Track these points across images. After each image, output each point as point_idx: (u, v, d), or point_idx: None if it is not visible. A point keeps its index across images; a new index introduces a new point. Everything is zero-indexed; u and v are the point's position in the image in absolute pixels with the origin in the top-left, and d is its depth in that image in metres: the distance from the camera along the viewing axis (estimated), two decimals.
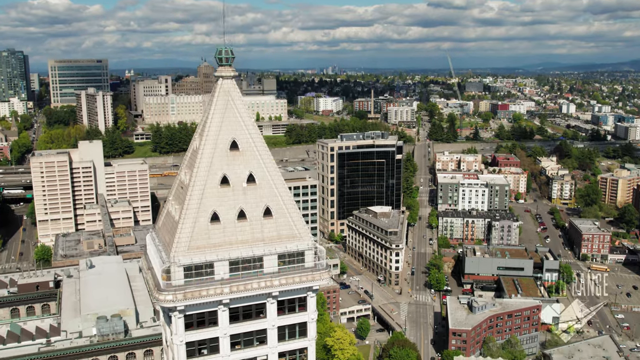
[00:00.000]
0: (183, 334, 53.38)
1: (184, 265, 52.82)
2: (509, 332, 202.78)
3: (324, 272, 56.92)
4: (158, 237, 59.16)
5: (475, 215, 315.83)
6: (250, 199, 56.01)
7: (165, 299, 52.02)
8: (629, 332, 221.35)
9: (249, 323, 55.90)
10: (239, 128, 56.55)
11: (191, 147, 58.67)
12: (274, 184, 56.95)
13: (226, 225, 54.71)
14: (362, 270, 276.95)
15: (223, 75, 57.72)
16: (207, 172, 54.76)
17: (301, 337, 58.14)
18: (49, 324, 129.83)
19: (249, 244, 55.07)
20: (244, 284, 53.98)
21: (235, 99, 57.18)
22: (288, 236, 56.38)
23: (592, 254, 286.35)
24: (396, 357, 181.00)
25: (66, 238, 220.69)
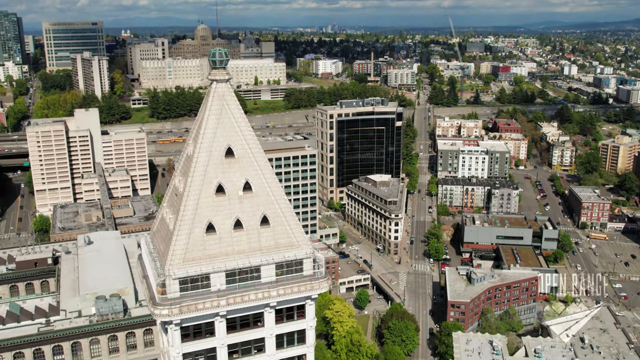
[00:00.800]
0: (180, 346, 52.39)
1: (179, 278, 51.42)
2: (507, 303, 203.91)
3: (323, 281, 55.59)
4: (153, 243, 57.51)
5: (475, 182, 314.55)
6: (246, 208, 54.18)
7: (160, 313, 50.78)
8: (626, 302, 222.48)
9: (247, 332, 54.90)
10: (235, 134, 54.32)
11: (185, 152, 56.47)
12: (271, 191, 55.04)
13: (222, 236, 53.05)
14: (362, 239, 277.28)
15: (217, 79, 55.15)
16: (202, 181, 52.77)
17: (300, 344, 57.24)
18: (48, 303, 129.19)
19: (246, 254, 53.53)
20: (241, 296, 52.68)
21: (230, 103, 54.77)
22: (286, 245, 54.80)
23: (591, 222, 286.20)
24: (395, 329, 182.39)
25: (64, 209, 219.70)
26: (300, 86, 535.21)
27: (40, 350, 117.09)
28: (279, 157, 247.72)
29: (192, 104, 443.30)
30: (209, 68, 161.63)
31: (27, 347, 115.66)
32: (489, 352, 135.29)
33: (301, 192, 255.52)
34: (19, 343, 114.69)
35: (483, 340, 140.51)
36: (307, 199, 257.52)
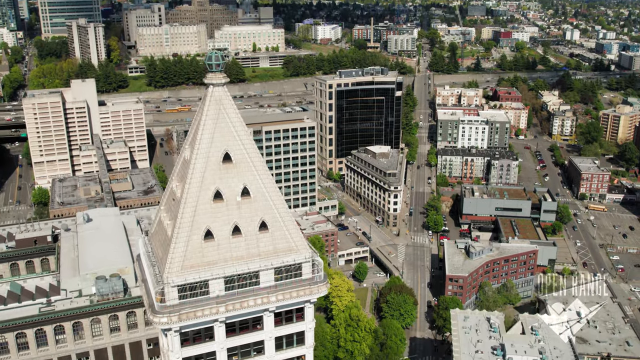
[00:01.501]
0: (179, 351, 52.55)
1: (178, 286, 51.19)
2: (505, 276, 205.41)
3: (321, 285, 55.46)
4: (151, 246, 57.13)
5: (474, 153, 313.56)
6: (244, 214, 53.58)
7: (160, 321, 50.75)
8: (622, 274, 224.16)
9: (246, 335, 54.99)
10: (232, 138, 53.28)
11: (181, 156, 55.58)
12: (269, 196, 54.31)
13: (220, 242, 52.59)
14: (361, 210, 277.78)
15: (214, 82, 53.87)
16: (200, 187, 52.03)
17: (299, 345, 57.49)
18: (49, 282, 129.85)
19: (245, 260, 53.19)
20: (240, 302, 52.57)
21: (228, 107, 53.63)
22: (285, 249, 54.43)
23: (590, 193, 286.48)
24: (393, 303, 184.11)
25: (63, 183, 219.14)
26: (299, 53, 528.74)
27: (42, 330, 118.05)
28: (278, 130, 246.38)
29: (189, 72, 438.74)
30: (206, 36, 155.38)
31: (29, 327, 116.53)
32: (487, 330, 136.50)
33: (300, 164, 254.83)
34: (21, 324, 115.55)
35: (480, 318, 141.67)
36: (306, 172, 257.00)
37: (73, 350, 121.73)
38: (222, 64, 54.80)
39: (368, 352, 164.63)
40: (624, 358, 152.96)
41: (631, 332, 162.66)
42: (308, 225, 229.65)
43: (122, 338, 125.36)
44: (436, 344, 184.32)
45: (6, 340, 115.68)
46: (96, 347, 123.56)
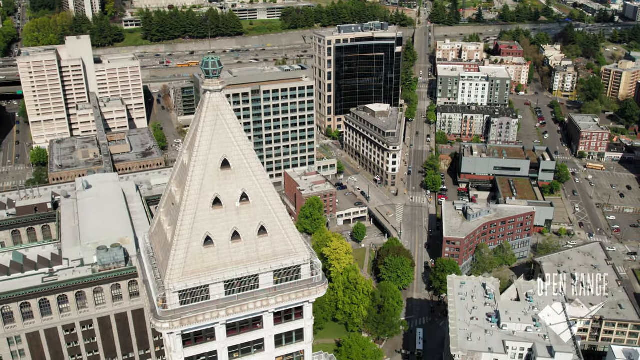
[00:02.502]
0: (182, 351, 53.77)
1: (179, 291, 51.95)
2: (502, 238, 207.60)
3: (320, 287, 56.23)
4: (152, 246, 57.61)
5: (474, 110, 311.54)
6: (244, 218, 53.79)
7: (162, 326, 51.78)
8: (618, 234, 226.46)
9: (247, 334, 56.14)
10: (230, 144, 52.94)
11: (179, 160, 55.35)
12: (267, 200, 54.37)
13: (220, 247, 53.02)
14: (359, 169, 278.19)
15: (211, 89, 53.16)
16: (198, 194, 52.05)
17: (298, 341, 58.78)
18: (51, 252, 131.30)
19: (244, 264, 53.78)
20: (240, 306, 53.48)
21: (225, 113, 53.07)
22: (283, 252, 54.91)
23: (589, 151, 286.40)
24: (391, 265, 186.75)
25: (61, 145, 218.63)
26: (298, 4, 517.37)
27: (46, 300, 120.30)
28: (276, 89, 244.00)
29: (185, 25, 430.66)
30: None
31: (33, 297, 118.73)
32: (482, 296, 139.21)
33: (299, 123, 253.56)
34: (25, 294, 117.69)
35: (476, 284, 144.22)
36: (304, 131, 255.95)
37: (77, 318, 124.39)
38: (218, 70, 53.99)
39: (366, 315, 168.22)
40: (615, 321, 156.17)
41: (624, 295, 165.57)
42: (307, 186, 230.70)
43: (124, 306, 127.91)
44: (432, 305, 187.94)
45: (11, 310, 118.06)
46: (99, 315, 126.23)
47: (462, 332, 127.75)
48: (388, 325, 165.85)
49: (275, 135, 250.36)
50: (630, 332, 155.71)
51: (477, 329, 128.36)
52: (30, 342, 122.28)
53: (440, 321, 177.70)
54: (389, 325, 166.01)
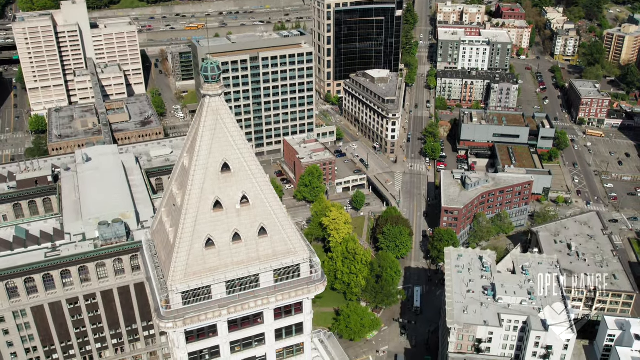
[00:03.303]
0: (185, 347, 55.28)
1: (182, 292, 53.10)
2: (500, 207, 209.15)
3: (319, 284, 57.41)
4: (154, 244, 58.46)
5: (474, 76, 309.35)
6: (244, 220, 54.54)
7: (166, 326, 53.14)
8: (615, 202, 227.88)
9: (248, 329, 57.60)
10: (230, 148, 53.24)
11: (180, 162, 55.69)
12: (267, 202, 55.01)
13: (221, 249, 53.93)
14: (358, 135, 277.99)
15: (210, 93, 53.09)
16: (199, 198, 52.63)
17: (298, 334, 60.35)
18: (53, 226, 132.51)
19: (245, 264, 54.81)
20: (241, 305, 54.74)
21: (225, 117, 53.17)
22: (283, 252, 55.89)
23: (589, 118, 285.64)
24: (389, 234, 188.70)
25: (59, 114, 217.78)
26: None
27: (49, 275, 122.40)
28: (275, 56, 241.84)
29: None
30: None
31: (37, 272, 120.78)
32: (479, 269, 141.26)
33: (298, 90, 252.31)
34: (28, 270, 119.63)
35: (473, 256, 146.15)
36: (304, 98, 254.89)
37: (80, 292, 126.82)
38: (217, 75, 53.87)
39: (364, 284, 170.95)
40: (609, 291, 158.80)
41: (618, 266, 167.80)
42: (306, 154, 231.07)
43: (127, 280, 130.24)
44: (430, 274, 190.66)
45: (15, 285, 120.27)
46: (102, 288, 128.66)
47: (458, 305, 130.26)
48: (386, 295, 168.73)
49: (275, 103, 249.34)
50: (624, 302, 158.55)
51: (473, 302, 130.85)
52: (35, 315, 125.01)
53: (438, 290, 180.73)
54: (387, 294, 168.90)
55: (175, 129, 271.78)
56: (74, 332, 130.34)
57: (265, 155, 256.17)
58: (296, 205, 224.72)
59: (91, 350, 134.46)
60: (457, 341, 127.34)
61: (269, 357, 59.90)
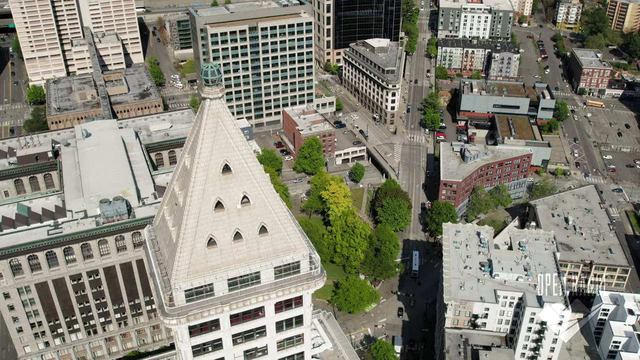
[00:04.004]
0: (188, 340, 56.75)
1: (185, 290, 54.27)
2: (499, 179, 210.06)
3: (318, 280, 58.58)
4: (157, 239, 59.37)
5: (475, 45, 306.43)
6: (245, 219, 55.36)
7: (170, 323, 54.51)
8: (613, 174, 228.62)
9: (249, 322, 59.04)
10: (231, 150, 53.68)
11: (181, 162, 56.12)
12: (268, 201, 55.75)
13: (223, 248, 54.88)
14: (358, 106, 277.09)
15: (210, 97, 53.19)
16: (201, 199, 53.32)
17: (298, 326, 61.87)
18: (54, 204, 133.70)
19: (246, 262, 55.87)
20: (243, 301, 56.01)
21: (225, 120, 53.39)
22: (284, 249, 56.90)
23: (590, 88, 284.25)
24: (388, 207, 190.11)
25: (57, 85, 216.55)
26: None
27: (52, 252, 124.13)
28: (274, 26, 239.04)
29: None
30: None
31: (40, 250, 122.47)
32: (476, 245, 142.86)
33: (297, 61, 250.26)
34: (31, 248, 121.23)
35: (471, 232, 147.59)
36: (303, 68, 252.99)
37: (83, 268, 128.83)
38: (218, 79, 53.91)
39: (363, 258, 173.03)
40: (605, 265, 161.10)
41: (614, 240, 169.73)
42: (305, 125, 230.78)
43: (129, 256, 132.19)
44: (428, 246, 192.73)
45: (19, 262, 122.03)
46: (105, 265, 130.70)
47: (455, 281, 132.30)
48: (384, 268, 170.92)
49: (274, 73, 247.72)
50: (619, 276, 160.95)
51: (470, 278, 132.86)
52: (40, 291, 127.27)
53: (435, 263, 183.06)
54: (385, 267, 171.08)
55: (175, 99, 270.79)
56: (77, 307, 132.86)
57: (265, 126, 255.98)
58: (295, 177, 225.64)
59: (95, 325, 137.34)
60: (454, 316, 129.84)
61: (270, 348, 61.73)
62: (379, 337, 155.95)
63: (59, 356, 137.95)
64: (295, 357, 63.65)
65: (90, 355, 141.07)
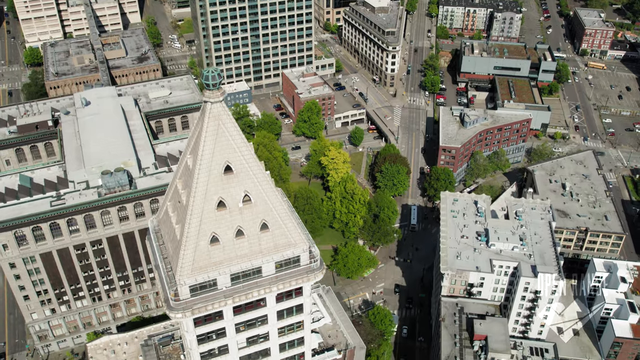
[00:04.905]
0: (193, 330, 58.94)
1: (190, 285, 56.04)
2: (497, 144, 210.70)
3: (318, 272, 60.28)
4: (160, 233, 60.79)
5: (477, 4, 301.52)
6: (247, 217, 56.67)
7: (175, 316, 56.53)
8: (612, 138, 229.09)
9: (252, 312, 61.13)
10: (232, 151, 54.58)
11: (183, 160, 56.94)
12: (268, 199, 56.94)
13: (225, 244, 56.37)
14: (358, 67, 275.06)
15: (212, 100, 53.60)
16: (204, 199, 54.52)
17: (298, 313, 63.99)
18: (56, 174, 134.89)
19: (248, 258, 57.46)
20: (245, 294, 57.87)
21: (227, 122, 54.03)
22: (284, 244, 58.43)
23: (592, 49, 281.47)
24: (387, 173, 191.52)
25: (55, 49, 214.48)
26: None
27: (56, 223, 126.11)
28: None
29: None
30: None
31: (43, 221, 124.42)
32: (473, 214, 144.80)
33: (296, 22, 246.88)
34: (35, 219, 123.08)
35: (469, 201, 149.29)
36: (302, 30, 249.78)
37: (87, 238, 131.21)
38: (218, 83, 54.22)
39: (362, 224, 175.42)
40: (600, 232, 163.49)
41: (610, 206, 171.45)
42: (305, 88, 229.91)
43: (131, 226, 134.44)
44: (426, 212, 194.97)
45: (24, 233, 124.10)
46: (108, 235, 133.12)
47: (452, 250, 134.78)
48: (383, 234, 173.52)
49: (273, 35, 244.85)
50: (613, 243, 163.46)
51: (466, 248, 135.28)
52: (44, 261, 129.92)
53: (433, 228, 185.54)
54: (384, 233, 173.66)
55: (173, 61, 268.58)
56: (82, 276, 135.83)
57: (264, 89, 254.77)
58: (295, 141, 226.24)
59: (100, 292, 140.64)
60: (450, 285, 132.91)
61: (272, 335, 64.19)
62: (377, 302, 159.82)
63: (65, 322, 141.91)
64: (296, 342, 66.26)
65: (95, 321, 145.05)
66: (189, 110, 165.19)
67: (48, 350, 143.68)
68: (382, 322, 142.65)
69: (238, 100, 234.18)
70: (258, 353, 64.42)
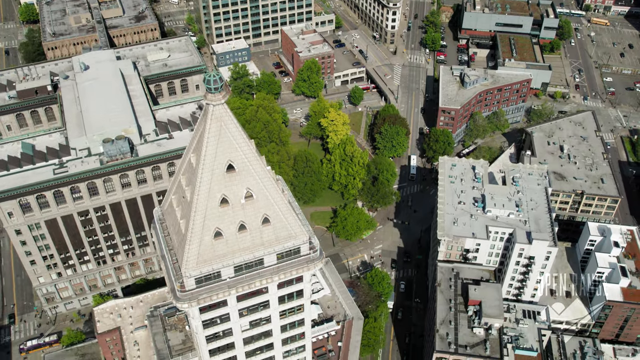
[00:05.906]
0: (199, 317, 61.67)
1: (195, 277, 58.33)
2: (497, 105, 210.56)
3: (317, 262, 62.43)
4: (166, 224, 62.66)
5: None
6: (249, 212, 58.42)
7: (182, 306, 59.11)
8: (612, 97, 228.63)
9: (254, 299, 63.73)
10: (234, 150, 55.87)
11: (187, 157, 58.17)
12: (270, 195, 58.58)
13: (229, 238, 58.35)
14: (358, 23, 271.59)
15: (214, 103, 54.33)
16: (207, 196, 56.10)
17: (298, 298, 66.64)
18: (58, 142, 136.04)
19: (251, 250, 59.55)
20: (248, 284, 60.23)
21: (228, 123, 55.06)
22: (285, 237, 60.44)
23: (595, 4, 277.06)
24: (386, 134, 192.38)
25: (50, 7, 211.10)
26: None
27: (60, 191, 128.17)
28: None
29: None
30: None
31: (47, 190, 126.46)
32: (471, 179, 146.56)
33: None
34: (39, 188, 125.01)
35: (467, 166, 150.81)
36: None
37: (90, 205, 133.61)
38: (220, 86, 54.86)
39: (360, 186, 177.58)
40: (595, 195, 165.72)
41: (607, 169, 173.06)
42: (304, 47, 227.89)
43: (133, 192, 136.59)
44: (424, 172, 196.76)
45: (28, 201, 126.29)
46: (111, 201, 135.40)
47: (449, 216, 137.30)
48: (381, 196, 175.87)
49: None
50: (608, 206, 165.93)
51: (463, 214, 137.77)
52: (49, 227, 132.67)
53: (431, 190, 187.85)
54: (383, 196, 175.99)
55: (170, 17, 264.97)
56: (87, 241, 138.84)
57: (263, 46, 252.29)
58: (294, 100, 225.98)
59: (104, 256, 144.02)
60: (446, 250, 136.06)
61: (273, 318, 67.14)
62: (375, 264, 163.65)
63: (71, 285, 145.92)
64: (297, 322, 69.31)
65: (100, 283, 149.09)
66: (189, 73, 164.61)
67: (55, 312, 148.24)
68: (380, 285, 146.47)
69: (237, 59, 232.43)
70: (261, 334, 67.59)
